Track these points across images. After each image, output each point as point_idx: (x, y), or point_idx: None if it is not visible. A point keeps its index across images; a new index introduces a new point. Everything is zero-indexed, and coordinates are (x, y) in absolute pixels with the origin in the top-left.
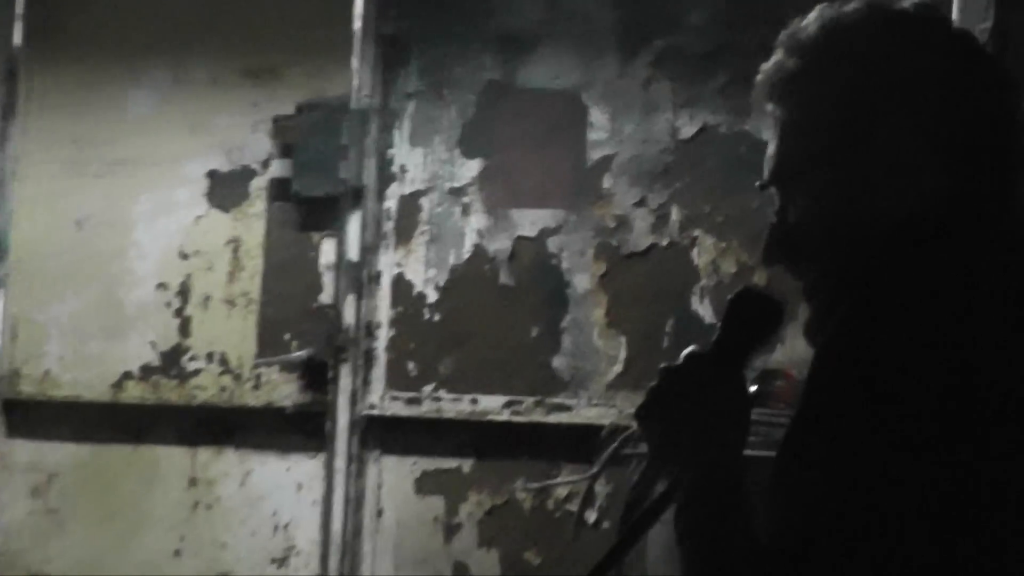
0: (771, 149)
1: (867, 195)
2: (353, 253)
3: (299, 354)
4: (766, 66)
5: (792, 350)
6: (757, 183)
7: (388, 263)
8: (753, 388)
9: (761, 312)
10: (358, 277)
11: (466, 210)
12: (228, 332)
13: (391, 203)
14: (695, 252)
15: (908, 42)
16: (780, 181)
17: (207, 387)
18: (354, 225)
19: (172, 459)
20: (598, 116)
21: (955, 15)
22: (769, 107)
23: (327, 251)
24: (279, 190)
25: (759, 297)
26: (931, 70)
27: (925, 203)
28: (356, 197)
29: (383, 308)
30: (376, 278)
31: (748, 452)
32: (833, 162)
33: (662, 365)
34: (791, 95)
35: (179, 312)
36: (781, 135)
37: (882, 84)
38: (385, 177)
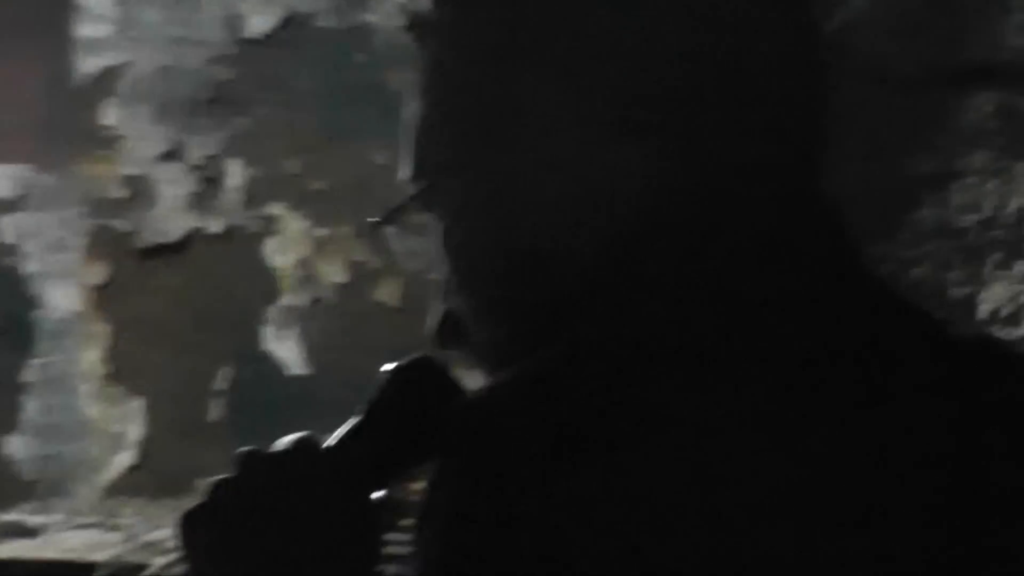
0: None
1: (516, 204)
2: None
3: None
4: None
5: None
6: (372, 220)
7: None
8: (380, 495)
9: (439, 401)
10: None
11: None
12: None
13: None
14: (270, 246)
15: None
16: (424, 197)
17: None
18: None
19: None
20: None
21: None
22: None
23: None
24: None
25: (439, 377)
26: None
27: (608, 206)
28: None
29: None
30: None
31: None
32: (478, 158)
33: (242, 450)
34: (427, 53)
35: None
36: (420, 120)
37: (528, 20)
38: None
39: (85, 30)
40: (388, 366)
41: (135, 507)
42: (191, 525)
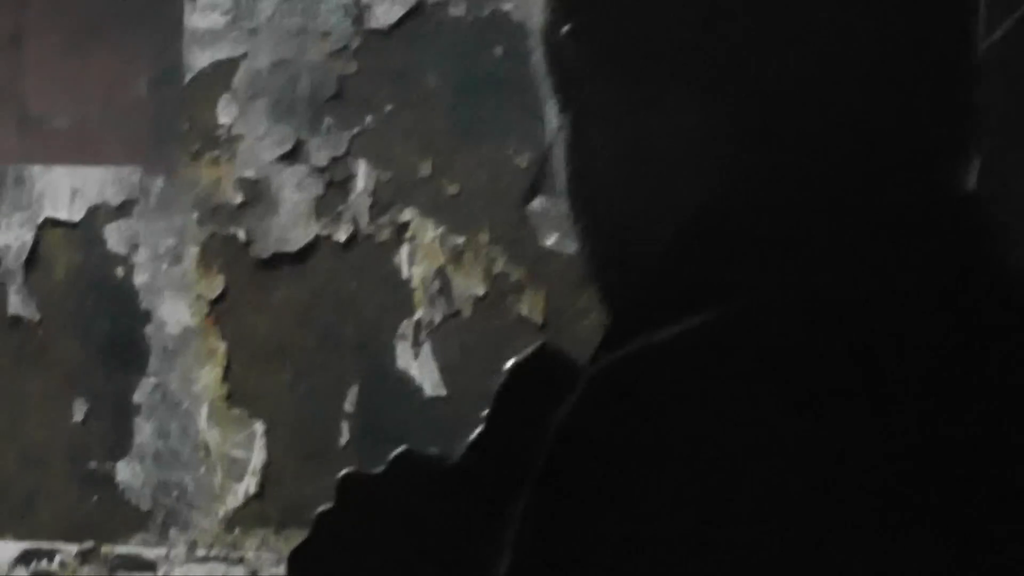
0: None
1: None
2: None
3: None
4: None
5: None
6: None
7: None
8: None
9: (564, 394)
10: None
11: None
12: None
13: None
14: (402, 255)
15: None
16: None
17: None
18: None
19: None
20: None
21: None
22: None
23: None
24: None
25: (563, 366)
26: None
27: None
28: None
29: None
30: None
31: None
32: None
33: (341, 474)
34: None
35: None
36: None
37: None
38: None
39: (197, 21)
40: (508, 363)
41: (257, 538)
42: (299, 563)
